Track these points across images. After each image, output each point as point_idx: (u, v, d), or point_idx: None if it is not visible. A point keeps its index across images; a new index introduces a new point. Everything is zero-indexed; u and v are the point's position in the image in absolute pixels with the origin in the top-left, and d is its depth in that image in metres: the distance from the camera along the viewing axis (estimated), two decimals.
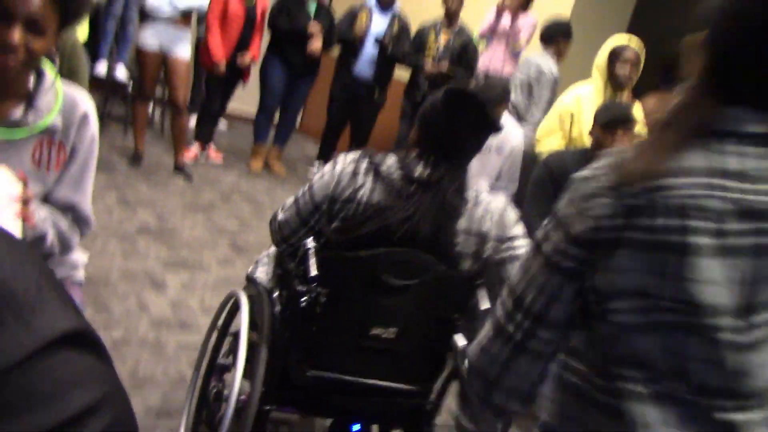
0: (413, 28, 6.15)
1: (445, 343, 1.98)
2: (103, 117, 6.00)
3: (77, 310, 0.53)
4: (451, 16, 5.89)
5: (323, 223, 2.02)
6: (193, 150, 6.08)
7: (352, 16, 6.18)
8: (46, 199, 1.74)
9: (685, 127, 1.07)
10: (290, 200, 2.10)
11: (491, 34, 5.65)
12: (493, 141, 3.94)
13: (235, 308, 2.26)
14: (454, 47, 5.87)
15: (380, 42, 5.99)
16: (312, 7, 5.94)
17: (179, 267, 3.95)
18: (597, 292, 1.06)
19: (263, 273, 2.28)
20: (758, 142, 1.04)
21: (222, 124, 6.76)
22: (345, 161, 2.01)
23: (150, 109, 6.55)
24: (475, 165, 2.88)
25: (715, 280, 1.01)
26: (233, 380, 1.97)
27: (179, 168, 5.58)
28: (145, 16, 5.37)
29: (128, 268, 3.76)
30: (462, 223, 1.97)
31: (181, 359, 3.03)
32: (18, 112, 1.63)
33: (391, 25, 6.13)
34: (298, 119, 7.49)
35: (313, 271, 1.87)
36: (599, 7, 5.81)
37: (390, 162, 1.99)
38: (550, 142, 4.01)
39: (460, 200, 1.97)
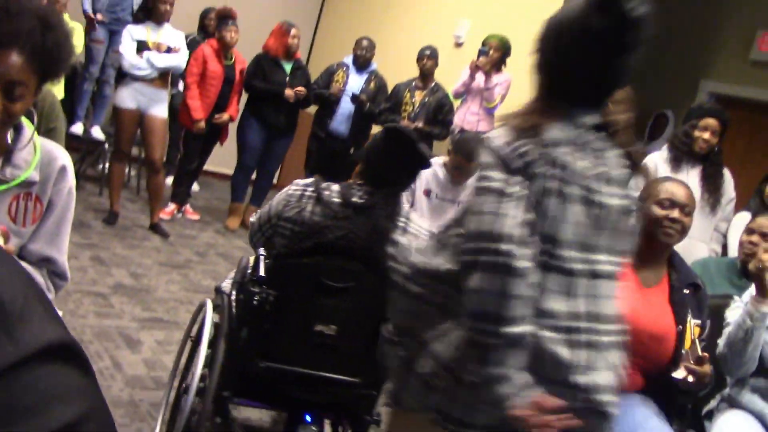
0: (389, 88, 6.25)
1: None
2: (79, 176, 5.98)
3: (62, 323, 0.52)
4: (425, 75, 6.00)
5: (271, 234, 2.38)
6: (170, 208, 6.06)
7: (329, 74, 6.28)
8: (21, 252, 1.72)
9: (548, 114, 1.55)
10: (260, 210, 2.51)
11: (465, 92, 5.74)
12: (470, 194, 3.98)
13: (204, 315, 2.57)
14: (429, 105, 5.96)
15: (357, 97, 6.07)
16: (288, 67, 6.01)
17: (154, 325, 3.89)
18: None
19: (228, 284, 2.59)
20: (599, 130, 1.56)
21: (195, 185, 6.76)
22: (297, 185, 2.39)
23: (126, 169, 6.55)
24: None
25: (568, 218, 1.49)
26: (195, 367, 2.36)
27: (155, 226, 5.54)
28: (123, 76, 5.41)
29: (102, 326, 3.70)
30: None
31: (157, 418, 2.97)
32: None
33: (368, 82, 6.23)
34: (276, 176, 7.52)
35: (261, 273, 2.20)
36: None
37: (334, 189, 2.33)
38: None
39: (390, 224, 2.29)
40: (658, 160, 4.03)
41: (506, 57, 5.67)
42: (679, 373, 2.25)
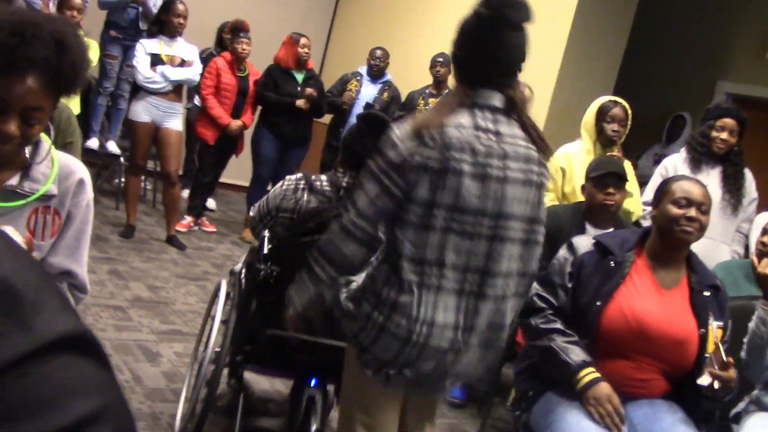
0: (403, 96, 6.24)
1: None
2: (95, 191, 5.99)
3: (77, 315, 0.50)
4: (439, 82, 5.99)
5: (272, 224, 2.73)
6: (187, 221, 6.07)
7: (343, 83, 6.28)
8: None
9: (456, 101, 1.87)
10: (258, 203, 2.83)
11: None
12: None
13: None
14: None
15: (370, 107, 6.06)
16: (300, 77, 6.02)
17: (173, 338, 3.89)
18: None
19: (240, 266, 2.89)
20: (502, 112, 1.85)
21: (210, 203, 6.79)
22: (290, 180, 2.74)
23: (142, 182, 6.57)
24: None
25: (473, 194, 1.79)
26: (210, 334, 2.77)
27: (172, 239, 5.55)
28: (137, 90, 5.44)
29: (121, 340, 3.70)
30: None
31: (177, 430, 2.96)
32: (14, 181, 1.63)
33: (381, 92, 6.22)
34: None
35: (265, 250, 2.55)
36: (584, 70, 5.91)
37: (323, 178, 2.70)
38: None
39: None
40: (677, 161, 3.99)
41: None
42: (704, 380, 2.22)
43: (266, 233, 2.65)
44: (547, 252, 2.66)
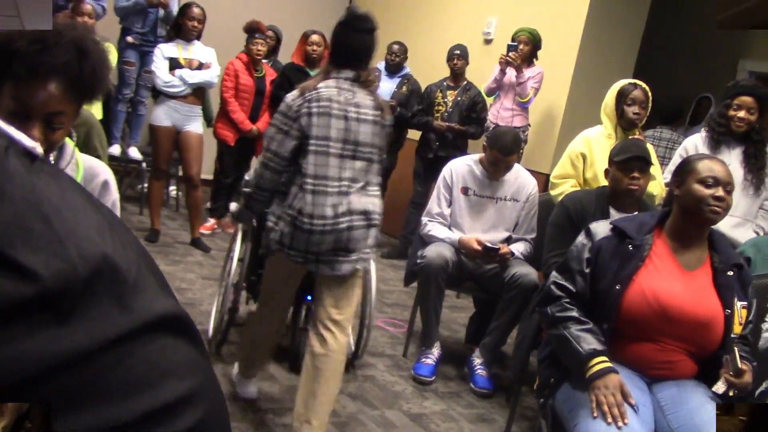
0: (422, 89, 6.22)
1: None
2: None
3: (173, 295, 0.51)
4: (456, 75, 5.97)
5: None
6: (210, 223, 6.11)
7: None
8: None
9: (326, 74, 2.81)
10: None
11: (498, 88, 5.70)
12: (508, 190, 3.93)
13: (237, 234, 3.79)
14: (462, 104, 5.92)
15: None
16: (314, 74, 6.00)
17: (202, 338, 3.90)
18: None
19: (234, 207, 3.55)
20: (358, 83, 2.76)
21: (233, 206, 6.81)
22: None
23: (165, 186, 6.62)
24: (492, 214, 4.06)
25: (339, 128, 2.69)
26: (232, 262, 3.68)
27: (196, 241, 5.59)
28: (157, 94, 5.48)
29: None
30: None
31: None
32: None
33: (399, 87, 6.21)
34: None
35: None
36: (603, 55, 5.86)
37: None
38: (565, 186, 3.99)
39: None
40: (698, 142, 3.94)
41: (537, 50, 5.62)
42: (720, 388, 2.21)
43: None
44: (571, 238, 2.65)
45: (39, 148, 1.54)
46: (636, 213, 3.07)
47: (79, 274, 0.43)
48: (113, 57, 5.59)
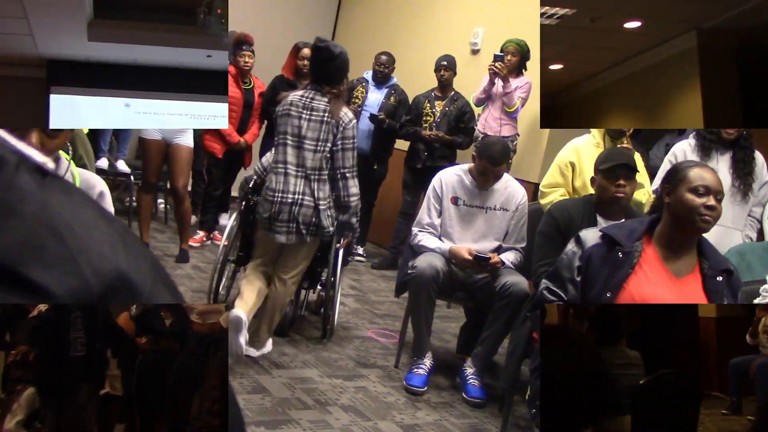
0: (410, 100, 6.24)
1: None
2: None
3: (184, 301, 0.51)
4: (444, 85, 5.99)
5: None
6: (199, 235, 6.09)
7: (348, 90, 6.28)
8: None
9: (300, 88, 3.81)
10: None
11: (486, 98, 5.73)
12: (497, 199, 3.94)
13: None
14: (450, 114, 5.95)
15: (375, 117, 6.08)
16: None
17: None
18: None
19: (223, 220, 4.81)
20: (319, 93, 3.77)
21: (223, 219, 6.81)
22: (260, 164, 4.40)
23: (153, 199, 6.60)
24: (481, 224, 3.79)
25: (295, 126, 3.72)
26: (222, 238, 4.40)
27: (185, 254, 5.57)
28: None
29: None
30: None
31: None
32: None
33: (387, 98, 6.22)
34: None
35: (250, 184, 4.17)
36: None
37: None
38: (554, 195, 4.01)
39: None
40: (686, 149, 3.96)
41: (526, 61, 5.65)
42: None
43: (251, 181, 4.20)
44: (559, 247, 2.66)
45: (50, 164, 1.54)
46: (623, 220, 3.09)
47: (92, 291, 0.43)
48: None
